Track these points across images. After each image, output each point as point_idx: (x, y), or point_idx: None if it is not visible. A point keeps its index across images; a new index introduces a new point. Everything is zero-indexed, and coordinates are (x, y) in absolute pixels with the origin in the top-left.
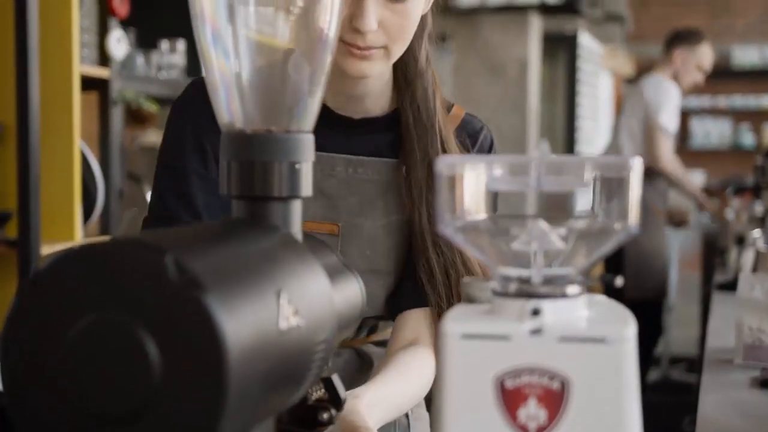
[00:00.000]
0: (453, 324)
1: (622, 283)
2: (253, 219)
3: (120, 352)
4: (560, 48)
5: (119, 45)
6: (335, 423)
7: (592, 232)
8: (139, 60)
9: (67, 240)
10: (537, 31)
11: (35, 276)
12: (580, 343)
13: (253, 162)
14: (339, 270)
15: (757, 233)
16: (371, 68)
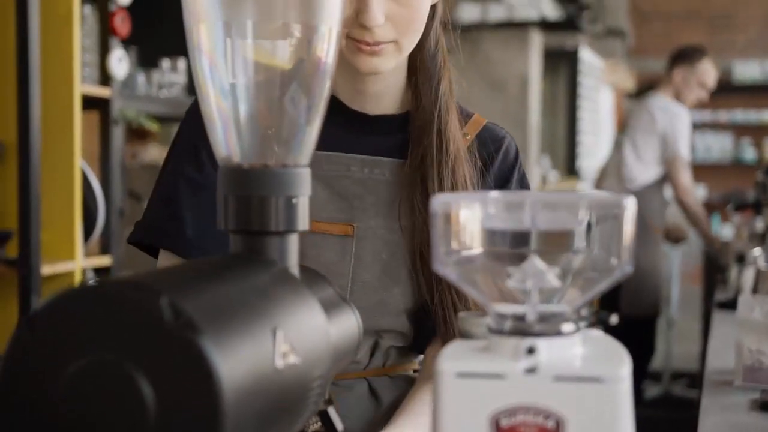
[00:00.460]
0: (448, 363)
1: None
2: (250, 253)
3: (116, 394)
4: (561, 63)
5: (120, 64)
6: None
7: (587, 271)
8: (140, 79)
9: (68, 259)
10: (537, 47)
11: (31, 317)
12: (575, 383)
13: (250, 197)
14: (335, 302)
15: (758, 251)
16: (383, 64)
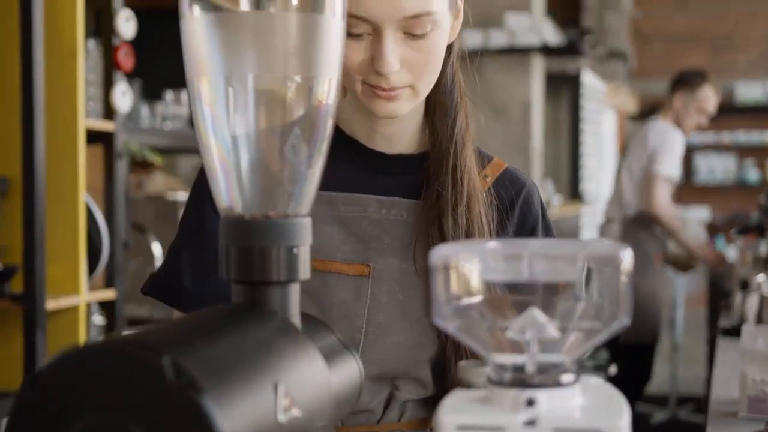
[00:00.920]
0: (448, 415)
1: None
2: (252, 304)
3: None
4: (563, 87)
5: (124, 98)
6: None
7: (586, 321)
8: (144, 111)
9: (72, 294)
10: (539, 73)
11: (35, 376)
12: None
13: (252, 247)
14: (336, 350)
15: (762, 278)
16: (399, 108)
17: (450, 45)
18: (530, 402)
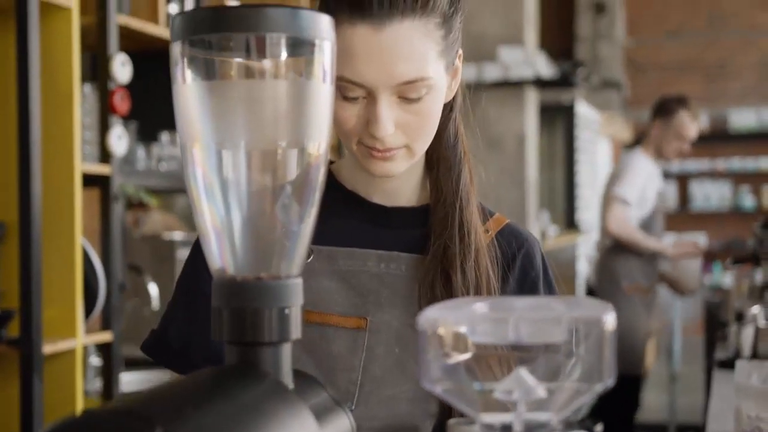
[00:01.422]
0: None
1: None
2: (245, 364)
3: None
4: (558, 117)
5: (120, 142)
6: None
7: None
8: (140, 153)
9: (69, 337)
10: (533, 104)
11: None
12: None
13: (244, 309)
14: (329, 407)
15: (756, 309)
16: (395, 168)
17: (452, 101)
18: None
